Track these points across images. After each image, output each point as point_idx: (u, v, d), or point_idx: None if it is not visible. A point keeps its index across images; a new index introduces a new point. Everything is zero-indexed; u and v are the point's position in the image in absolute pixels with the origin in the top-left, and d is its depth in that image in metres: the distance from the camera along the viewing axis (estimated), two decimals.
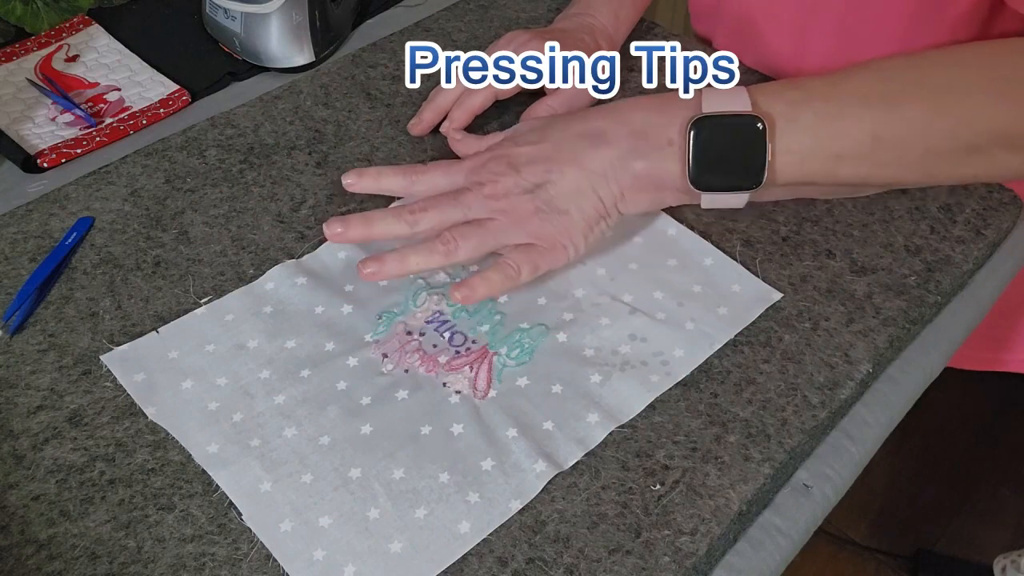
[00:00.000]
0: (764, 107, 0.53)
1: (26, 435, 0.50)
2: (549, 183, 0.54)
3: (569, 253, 0.54)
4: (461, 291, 0.52)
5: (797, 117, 0.52)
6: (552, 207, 0.53)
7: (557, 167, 0.54)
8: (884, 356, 0.54)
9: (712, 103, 0.53)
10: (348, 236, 0.54)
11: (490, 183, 0.54)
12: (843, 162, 0.53)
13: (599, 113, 0.56)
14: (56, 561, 0.45)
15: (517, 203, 0.53)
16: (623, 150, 0.54)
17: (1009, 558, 1.22)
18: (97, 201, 0.63)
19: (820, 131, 0.52)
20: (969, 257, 0.59)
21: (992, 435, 1.45)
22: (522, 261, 0.53)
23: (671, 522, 0.46)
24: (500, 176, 0.54)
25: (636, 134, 0.54)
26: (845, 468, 0.51)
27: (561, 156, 0.54)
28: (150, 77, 0.74)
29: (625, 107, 0.56)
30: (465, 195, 0.54)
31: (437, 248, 0.52)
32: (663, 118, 0.54)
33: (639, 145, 0.54)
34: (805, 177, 0.54)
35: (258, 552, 0.44)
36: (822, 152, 0.53)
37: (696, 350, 0.53)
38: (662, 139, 0.54)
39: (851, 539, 1.32)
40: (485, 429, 0.49)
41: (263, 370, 0.52)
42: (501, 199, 0.53)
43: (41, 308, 0.56)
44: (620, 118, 0.55)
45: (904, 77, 0.53)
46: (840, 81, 0.54)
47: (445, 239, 0.52)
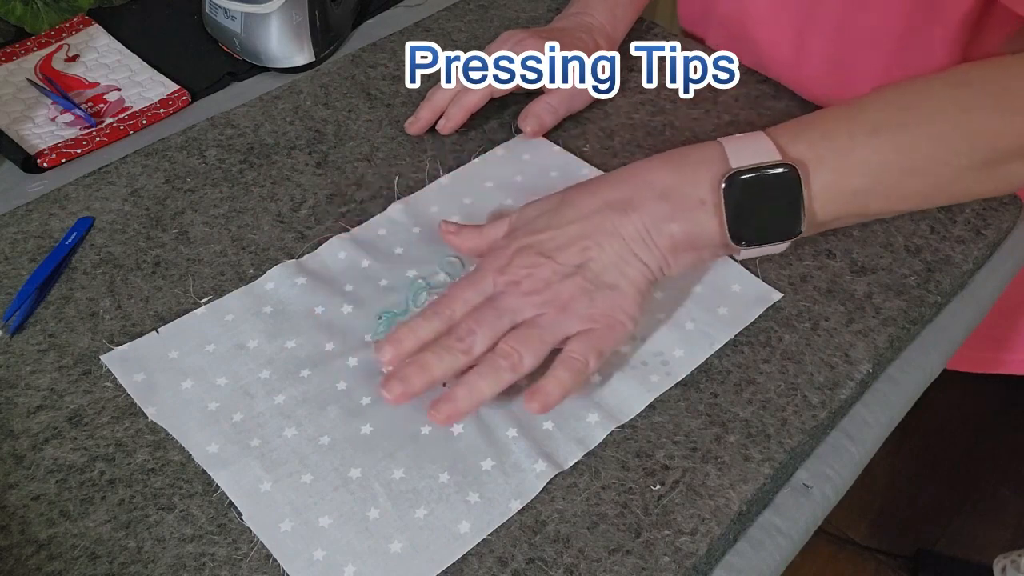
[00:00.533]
0: (792, 152, 0.51)
1: (26, 435, 0.50)
2: (590, 260, 0.50)
3: (628, 327, 0.51)
4: (537, 400, 0.47)
5: (823, 159, 0.51)
6: (599, 284, 0.50)
7: (594, 242, 0.51)
8: (884, 356, 0.54)
9: (739, 156, 0.51)
10: (413, 391, 0.48)
11: (526, 279, 0.50)
12: (871, 197, 0.52)
13: (615, 182, 0.54)
14: (56, 561, 0.45)
15: (561, 290, 0.50)
16: (654, 215, 0.51)
17: (1009, 558, 1.22)
18: (97, 201, 0.63)
19: (845, 170, 0.51)
20: (969, 257, 0.59)
21: (992, 435, 1.45)
22: (587, 351, 0.49)
23: (671, 522, 0.46)
24: (534, 268, 0.50)
25: (664, 197, 0.51)
26: (845, 468, 0.51)
27: (593, 231, 0.51)
28: (150, 77, 0.74)
29: (642, 170, 0.53)
30: (504, 299, 0.50)
31: (501, 365, 0.48)
32: (689, 178, 0.52)
33: (670, 208, 0.51)
34: (838, 215, 0.53)
35: (258, 552, 0.44)
36: (850, 190, 0.52)
37: (696, 350, 0.53)
38: (693, 200, 0.51)
39: (851, 539, 1.32)
40: (485, 429, 0.49)
41: (263, 370, 0.52)
42: (544, 292, 0.50)
43: (41, 308, 0.56)
44: (641, 183, 0.52)
45: (916, 104, 0.53)
46: (854, 115, 0.53)
47: (505, 353, 0.48)
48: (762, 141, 0.51)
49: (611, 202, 0.52)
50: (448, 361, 0.48)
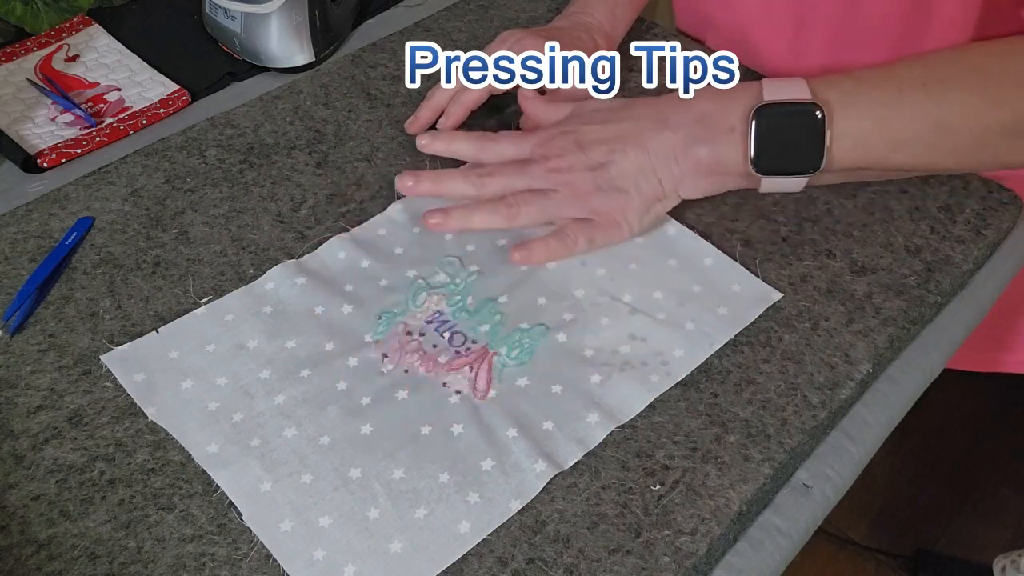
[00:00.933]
0: (822, 95, 0.54)
1: (26, 435, 0.50)
2: (612, 162, 0.56)
3: (624, 231, 0.57)
4: (520, 251, 0.55)
5: (854, 103, 0.54)
6: (612, 186, 0.56)
7: (621, 147, 0.56)
8: (884, 356, 0.54)
9: (772, 92, 0.55)
10: (418, 189, 0.58)
11: (556, 157, 0.57)
12: (898, 147, 0.55)
13: (665, 100, 0.59)
14: (56, 561, 0.45)
15: (579, 179, 0.56)
16: (686, 135, 0.56)
17: (1009, 558, 1.22)
18: (97, 201, 0.63)
19: (875, 116, 0.54)
20: (969, 257, 0.59)
21: (992, 435, 1.45)
22: (580, 232, 0.56)
23: (671, 522, 0.46)
24: (566, 152, 0.57)
25: (699, 120, 0.56)
26: (845, 468, 0.51)
27: (625, 137, 0.57)
28: (150, 77, 0.74)
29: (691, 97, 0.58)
30: (531, 166, 0.57)
31: (500, 210, 0.56)
32: (725, 106, 0.56)
33: (702, 131, 0.56)
34: (860, 162, 0.56)
35: (258, 552, 0.44)
36: (877, 137, 0.55)
37: (696, 350, 0.53)
38: (724, 126, 0.56)
39: (851, 539, 1.32)
40: (485, 429, 0.49)
41: (263, 370, 0.52)
42: (565, 173, 0.56)
43: (41, 308, 0.56)
44: (684, 105, 0.58)
45: (955, 65, 0.55)
46: (893, 70, 0.55)
47: (508, 202, 0.56)
48: (798, 83, 0.55)
49: (652, 116, 0.58)
50: (459, 183, 0.58)
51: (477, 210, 0.56)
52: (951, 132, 0.54)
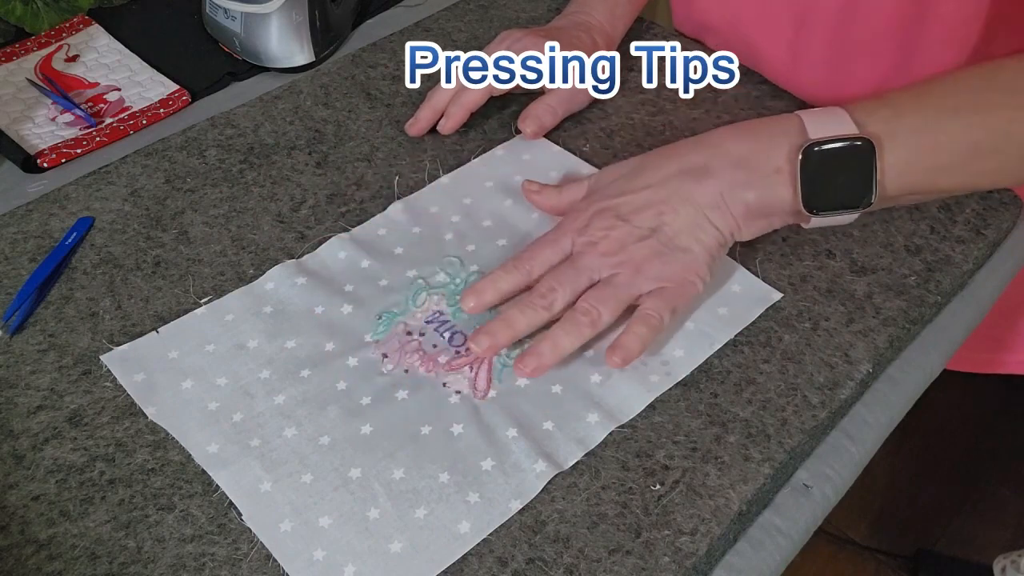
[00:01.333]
0: (868, 127, 0.52)
1: (26, 435, 0.50)
2: (664, 224, 0.53)
3: (699, 287, 0.54)
4: (618, 354, 0.50)
5: (895, 133, 0.52)
6: (672, 247, 0.53)
7: (668, 207, 0.53)
8: (884, 356, 0.54)
9: (816, 127, 0.53)
10: (499, 345, 0.51)
11: (603, 240, 0.53)
12: (942, 173, 0.54)
13: (692, 148, 0.56)
14: (56, 561, 0.45)
15: (636, 252, 0.53)
16: (730, 182, 0.53)
17: (1009, 558, 1.22)
18: (97, 201, 0.63)
19: (917, 145, 0.53)
20: (969, 257, 0.59)
21: (992, 435, 1.45)
22: (661, 308, 0.51)
23: (671, 522, 0.46)
24: (610, 230, 0.53)
25: (740, 165, 0.54)
26: (845, 468, 0.51)
27: (668, 196, 0.54)
28: (150, 77, 0.74)
29: (718, 139, 0.56)
30: (582, 259, 0.53)
31: (582, 321, 0.51)
32: (766, 147, 0.54)
33: (745, 176, 0.53)
34: (907, 190, 0.54)
35: (258, 552, 0.44)
36: (922, 165, 0.53)
37: (696, 350, 0.53)
38: (769, 168, 0.53)
39: (851, 539, 1.32)
40: (485, 429, 0.49)
41: (263, 370, 0.52)
42: (619, 253, 0.53)
43: (41, 308, 0.56)
44: (718, 151, 0.55)
45: (986, 86, 0.54)
46: (925, 94, 0.54)
47: (584, 310, 0.51)
48: (840, 115, 0.53)
49: (687, 168, 0.54)
50: (531, 316, 0.52)
51: (562, 334, 0.51)
52: (990, 154, 0.53)
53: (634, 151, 0.67)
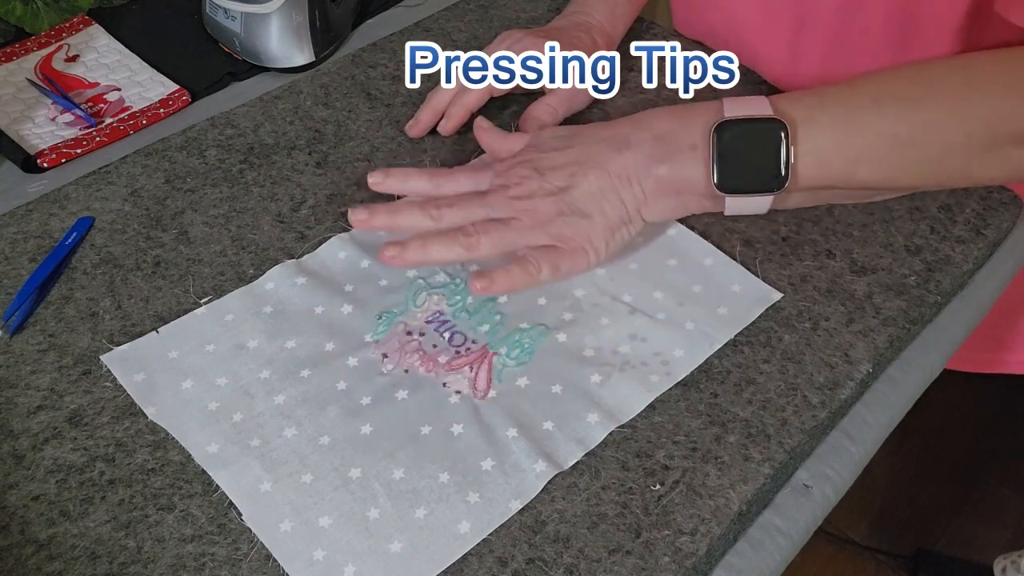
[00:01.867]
0: (784, 111, 0.53)
1: (26, 435, 0.50)
2: (572, 187, 0.54)
3: (590, 257, 0.55)
4: (481, 281, 0.53)
5: (816, 120, 0.53)
6: (575, 210, 0.54)
7: (581, 171, 0.55)
8: (884, 356, 0.54)
9: (733, 109, 0.54)
10: (372, 223, 0.56)
11: (515, 185, 0.55)
12: (861, 164, 0.54)
13: (623, 121, 0.58)
14: (56, 561, 0.45)
15: (540, 205, 0.54)
16: (645, 155, 0.55)
17: (1009, 558, 1.22)
18: (97, 201, 0.63)
19: (838, 133, 0.53)
20: (969, 257, 0.59)
21: (992, 435, 1.45)
22: (543, 260, 0.54)
23: (671, 522, 0.46)
24: (525, 179, 0.55)
25: (659, 139, 0.55)
26: (845, 468, 0.51)
27: (585, 161, 0.55)
28: (150, 77, 0.74)
29: (648, 115, 0.57)
30: (490, 195, 0.55)
31: (459, 239, 0.53)
32: (685, 124, 0.55)
33: (662, 150, 0.55)
34: (825, 180, 0.55)
35: (258, 552, 0.44)
36: (841, 154, 0.54)
37: (696, 350, 0.53)
38: (684, 144, 0.54)
39: (851, 539, 1.32)
40: (485, 429, 0.49)
41: (263, 370, 0.52)
42: (525, 200, 0.54)
43: (41, 308, 0.56)
44: (643, 124, 0.56)
45: (917, 80, 0.54)
46: (855, 86, 0.55)
47: (468, 231, 0.53)
48: (760, 100, 0.54)
49: (611, 138, 0.56)
50: (416, 216, 0.55)
51: (435, 241, 0.54)
52: (911, 148, 0.53)
53: None
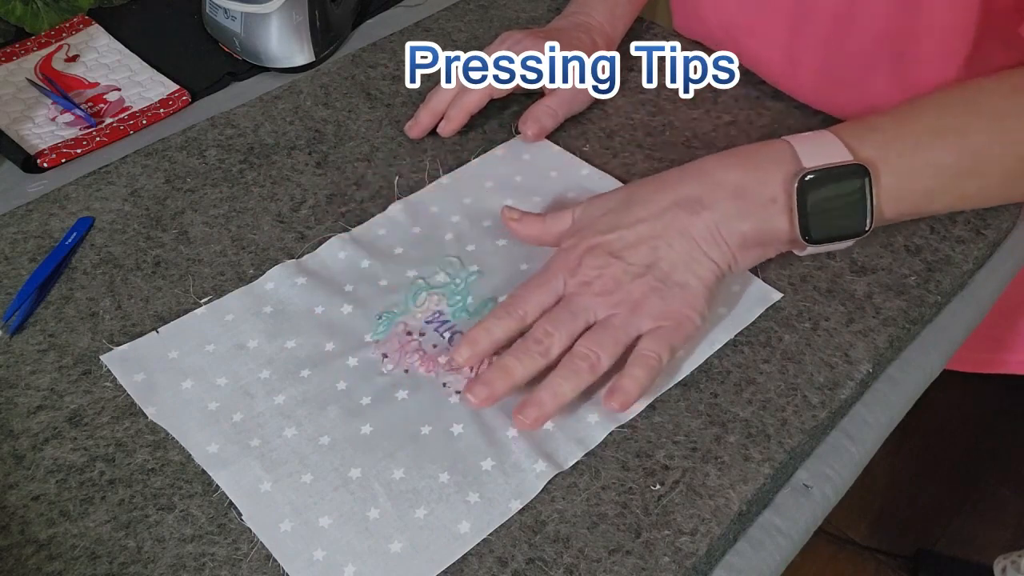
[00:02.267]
0: (861, 153, 0.52)
1: (26, 435, 0.50)
2: (660, 260, 0.51)
3: (697, 322, 0.51)
4: (616, 399, 0.48)
5: (887, 160, 0.52)
6: (669, 283, 0.51)
7: (663, 242, 0.51)
8: (884, 356, 0.54)
9: (810, 156, 0.52)
10: (497, 395, 0.49)
11: (597, 280, 0.51)
12: (930, 197, 0.55)
13: (683, 179, 0.54)
14: (56, 561, 0.45)
15: (632, 290, 0.51)
16: (725, 213, 0.52)
17: (1009, 558, 1.22)
18: (97, 201, 0.63)
19: (906, 171, 0.53)
20: (969, 257, 0.59)
21: (992, 435, 1.45)
22: (659, 348, 0.49)
23: (671, 522, 0.46)
24: (604, 269, 0.51)
25: (736, 196, 0.52)
26: (845, 468, 0.51)
27: (663, 231, 0.52)
28: (150, 77, 0.75)
29: (709, 168, 0.54)
30: (577, 300, 0.51)
31: (581, 367, 0.49)
32: (760, 177, 0.53)
33: (742, 207, 0.52)
34: (899, 216, 0.55)
35: (258, 552, 0.44)
36: (913, 191, 0.54)
37: (696, 350, 0.53)
38: (765, 198, 0.52)
39: (851, 539, 1.32)
40: (485, 429, 0.49)
41: (263, 370, 0.52)
42: (615, 292, 0.51)
43: (41, 308, 0.56)
44: (711, 181, 0.53)
45: (967, 109, 0.55)
46: (916, 117, 0.54)
47: (583, 355, 0.49)
48: (832, 141, 0.52)
49: (680, 200, 0.53)
50: (527, 364, 0.49)
51: (561, 381, 0.48)
52: (974, 178, 0.54)
53: (634, 151, 0.67)
